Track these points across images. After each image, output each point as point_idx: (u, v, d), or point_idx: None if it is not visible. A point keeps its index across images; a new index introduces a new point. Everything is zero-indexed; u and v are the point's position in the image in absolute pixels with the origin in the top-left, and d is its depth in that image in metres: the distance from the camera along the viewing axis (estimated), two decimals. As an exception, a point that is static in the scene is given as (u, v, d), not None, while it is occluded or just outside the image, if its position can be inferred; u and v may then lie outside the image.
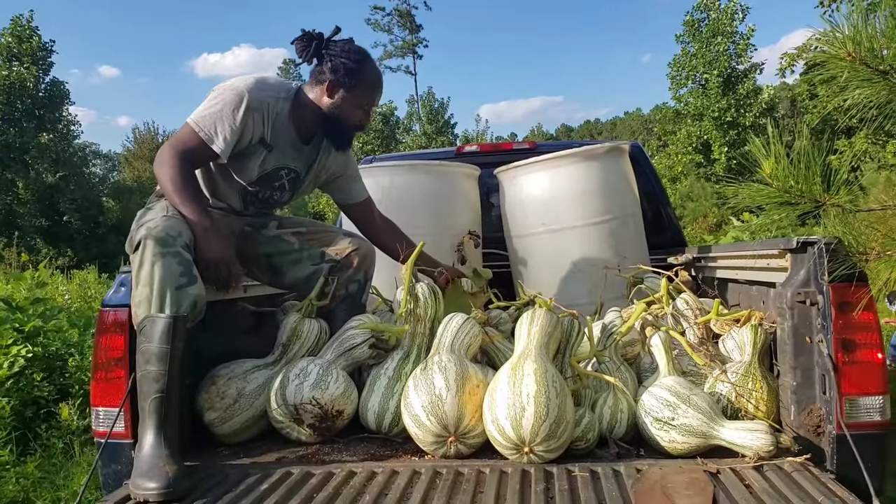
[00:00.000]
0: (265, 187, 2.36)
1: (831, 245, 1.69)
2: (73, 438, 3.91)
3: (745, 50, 23.61)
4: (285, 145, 2.31)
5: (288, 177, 2.39)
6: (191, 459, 1.87)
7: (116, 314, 1.94)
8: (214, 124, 2.12)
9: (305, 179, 2.47)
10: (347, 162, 2.58)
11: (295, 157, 2.36)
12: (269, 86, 2.22)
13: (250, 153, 2.25)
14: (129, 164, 33.63)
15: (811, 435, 1.75)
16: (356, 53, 2.26)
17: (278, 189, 2.41)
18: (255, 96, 2.15)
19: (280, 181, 2.39)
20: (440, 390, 1.82)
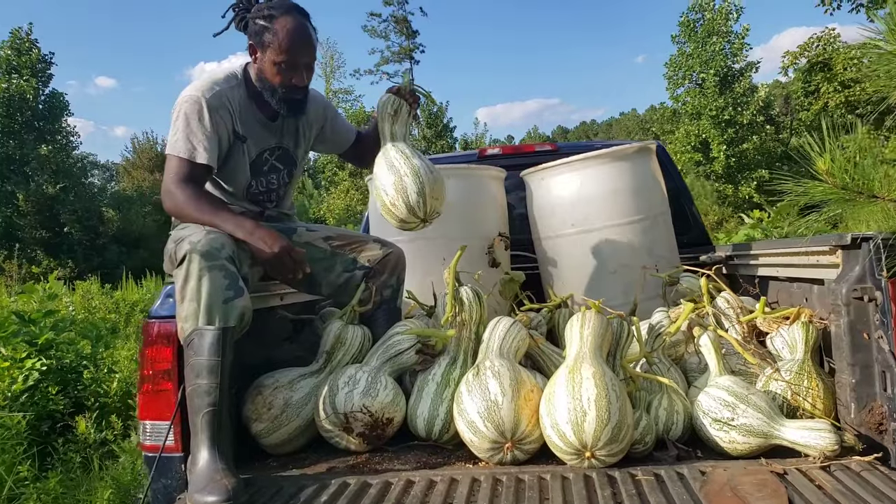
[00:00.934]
0: (257, 177, 2.33)
1: (889, 240, 1.67)
2: (92, 452, 3.87)
3: (741, 49, 23.66)
4: (257, 129, 2.27)
5: (274, 156, 2.35)
6: (240, 472, 1.84)
7: (163, 325, 1.92)
8: (188, 141, 2.08)
9: (299, 146, 2.45)
10: (325, 108, 2.52)
11: (270, 136, 2.33)
12: (219, 80, 2.18)
13: (232, 153, 2.22)
14: (128, 174, 33.53)
15: (873, 433, 1.74)
16: (269, 7, 2.16)
17: (271, 171, 2.37)
18: (210, 95, 2.12)
19: (266, 164, 2.35)
20: (496, 396, 1.80)
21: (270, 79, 2.17)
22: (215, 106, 2.12)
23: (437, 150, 28.77)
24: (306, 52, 2.17)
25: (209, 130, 2.10)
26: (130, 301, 8.90)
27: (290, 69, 2.15)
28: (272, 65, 2.14)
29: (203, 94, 2.11)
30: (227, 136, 2.18)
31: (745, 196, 23.44)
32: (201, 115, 2.09)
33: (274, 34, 2.11)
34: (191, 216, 2.04)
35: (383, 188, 2.20)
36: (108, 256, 23.39)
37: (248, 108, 2.24)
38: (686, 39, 24.31)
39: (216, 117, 2.12)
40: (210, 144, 2.10)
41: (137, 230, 25.66)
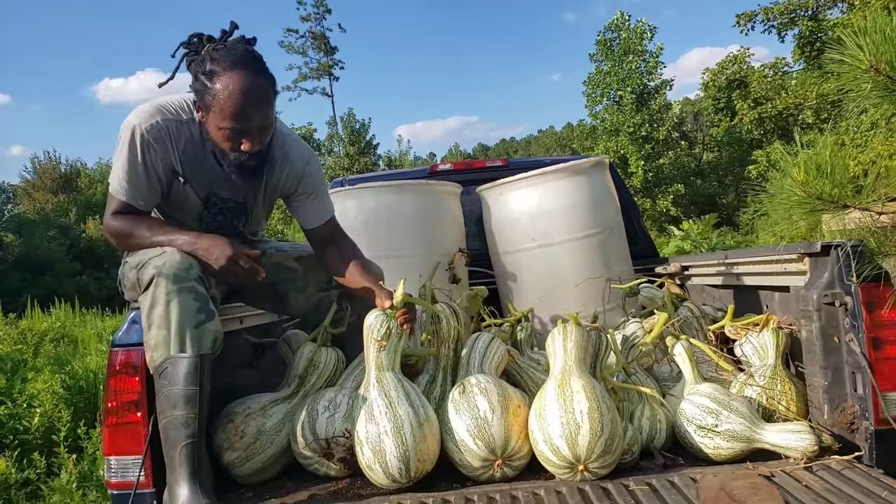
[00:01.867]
0: (211, 213, 2.13)
1: (858, 247, 1.76)
2: (15, 493, 3.62)
3: (655, 67, 24.77)
4: (207, 176, 2.02)
5: (225, 205, 2.12)
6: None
7: (129, 354, 1.81)
8: (117, 174, 1.92)
9: (256, 202, 2.20)
10: (302, 175, 2.17)
11: (225, 187, 2.07)
12: (167, 110, 1.94)
13: (174, 189, 2.02)
14: (28, 196, 31.78)
15: (845, 432, 1.81)
16: (212, 60, 1.84)
17: (220, 213, 2.13)
18: (148, 125, 1.89)
19: (216, 207, 2.11)
20: (485, 412, 1.78)
21: (218, 143, 1.89)
22: (149, 140, 1.90)
23: (361, 167, 28.62)
24: (256, 114, 1.85)
25: (141, 170, 1.91)
26: (38, 331, 8.37)
27: (237, 135, 1.86)
28: (217, 129, 1.86)
29: (140, 123, 1.90)
30: (164, 172, 1.96)
31: (662, 209, 24.43)
32: (133, 149, 1.89)
33: (215, 96, 1.82)
34: (132, 244, 1.93)
35: (359, 442, 1.78)
36: (10, 283, 21.91)
37: (199, 150, 1.98)
38: (603, 58, 25.25)
39: (147, 153, 1.90)
40: (135, 181, 1.92)
41: (42, 255, 24.24)
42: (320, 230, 2.23)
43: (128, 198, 1.94)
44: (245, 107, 1.83)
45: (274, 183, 2.17)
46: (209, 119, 1.88)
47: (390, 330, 1.91)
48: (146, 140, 1.90)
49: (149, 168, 1.93)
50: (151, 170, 1.94)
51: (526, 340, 2.61)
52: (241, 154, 1.89)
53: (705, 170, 28.54)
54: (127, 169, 1.91)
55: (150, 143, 1.91)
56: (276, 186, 2.18)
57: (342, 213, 2.97)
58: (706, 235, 7.29)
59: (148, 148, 1.91)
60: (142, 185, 1.94)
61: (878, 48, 1.62)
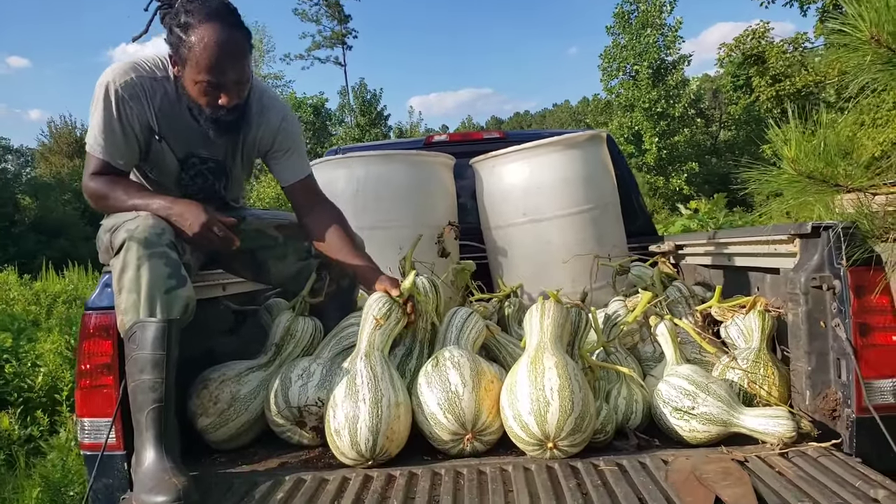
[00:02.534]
0: (188, 175, 2.09)
1: (849, 229, 1.70)
2: (17, 449, 3.67)
3: (674, 41, 24.31)
4: (184, 132, 1.99)
5: (205, 166, 2.09)
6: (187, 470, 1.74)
7: (101, 317, 1.79)
8: (96, 137, 1.89)
9: (234, 161, 2.16)
10: (278, 130, 2.13)
11: (203, 145, 2.04)
12: (141, 67, 1.91)
13: (152, 148, 1.99)
14: (45, 160, 31.97)
15: (826, 419, 1.77)
16: (187, 12, 1.80)
17: (198, 176, 2.10)
18: (122, 82, 1.86)
19: (195, 168, 2.08)
20: (456, 386, 1.75)
21: (195, 98, 1.87)
22: (124, 96, 1.87)
23: (371, 137, 28.48)
24: (232, 68, 1.83)
25: (115, 123, 1.88)
26: (52, 292, 8.50)
27: (213, 89, 1.84)
28: (193, 84, 1.84)
29: (115, 80, 1.86)
30: (140, 129, 1.93)
31: (675, 188, 24.18)
32: (108, 103, 1.86)
33: (190, 49, 1.79)
34: (108, 206, 1.91)
35: (334, 404, 1.75)
36: (25, 246, 22.19)
37: (175, 106, 1.94)
38: (620, 31, 24.82)
39: (124, 109, 1.88)
40: (111, 138, 1.89)
41: (57, 218, 24.49)
42: (297, 188, 2.19)
43: (104, 155, 1.91)
44: (221, 60, 1.80)
45: (251, 140, 2.13)
46: (185, 73, 1.85)
47: (391, 313, 1.91)
48: (121, 96, 1.87)
49: (125, 125, 1.90)
50: (128, 126, 1.91)
51: (513, 316, 2.58)
52: (219, 109, 1.87)
53: (721, 148, 28.15)
54: (102, 126, 1.88)
55: (125, 99, 1.88)
56: (252, 143, 2.14)
57: (332, 183, 2.95)
58: (713, 215, 7.19)
59: (123, 104, 1.88)
60: (119, 143, 1.91)
61: (879, 17, 1.54)
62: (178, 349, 1.75)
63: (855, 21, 1.55)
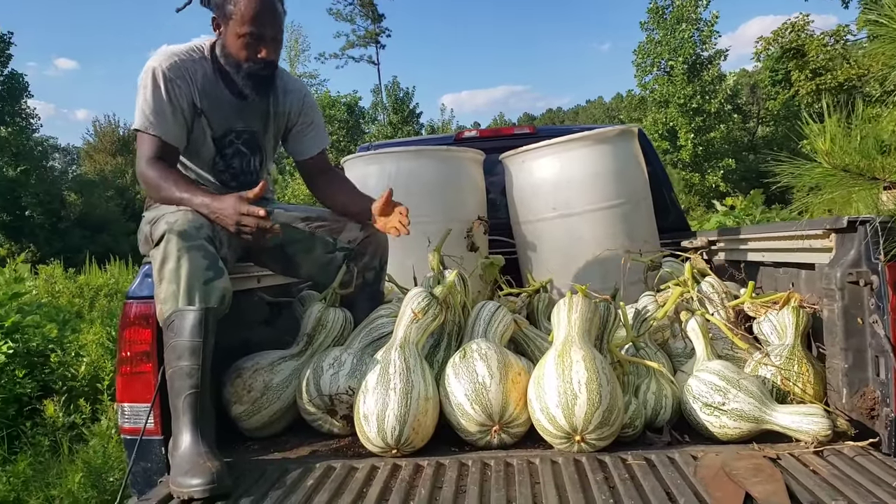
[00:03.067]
0: (223, 157, 2.22)
1: (887, 224, 1.66)
2: (61, 436, 3.78)
3: (710, 36, 23.86)
4: (222, 106, 2.15)
5: (240, 139, 2.22)
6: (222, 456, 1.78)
7: (141, 306, 1.84)
8: (143, 113, 2.01)
9: (266, 135, 2.30)
10: (302, 104, 2.34)
11: (238, 117, 2.19)
12: (179, 51, 2.09)
13: (193, 127, 2.12)
14: (90, 158, 32.80)
15: (864, 418, 1.73)
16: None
17: (235, 155, 2.23)
18: (166, 65, 2.03)
19: (232, 146, 2.22)
20: (484, 378, 1.76)
21: (235, 54, 2.05)
22: (171, 77, 2.02)
23: (404, 135, 28.56)
24: (271, 23, 2.04)
25: (164, 102, 2.01)
26: (94, 285, 8.71)
27: (255, 41, 2.03)
28: (236, 38, 2.03)
29: (160, 64, 2.02)
30: (187, 108, 2.07)
31: (711, 185, 23.77)
32: (157, 87, 2.01)
33: (235, 4, 2.00)
34: (157, 196, 2.00)
35: (365, 390, 1.78)
36: (71, 241, 22.83)
37: (214, 83, 2.12)
38: (655, 26, 24.45)
39: (171, 88, 2.02)
40: (164, 117, 2.01)
41: (100, 214, 25.13)
42: (316, 160, 2.41)
43: (158, 132, 2.01)
44: (263, 13, 2.01)
45: (280, 112, 2.30)
46: (228, 30, 2.04)
47: (429, 308, 1.93)
48: (169, 77, 2.02)
49: (174, 104, 2.03)
50: (177, 105, 2.04)
51: (542, 311, 2.57)
52: (257, 62, 2.05)
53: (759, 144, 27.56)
54: (153, 106, 2.01)
55: (173, 79, 2.03)
56: (282, 115, 2.31)
57: (364, 178, 2.98)
58: (750, 211, 7.06)
59: (171, 84, 2.03)
60: (170, 121, 2.03)
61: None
62: (215, 338, 1.80)
63: (891, 11, 1.51)
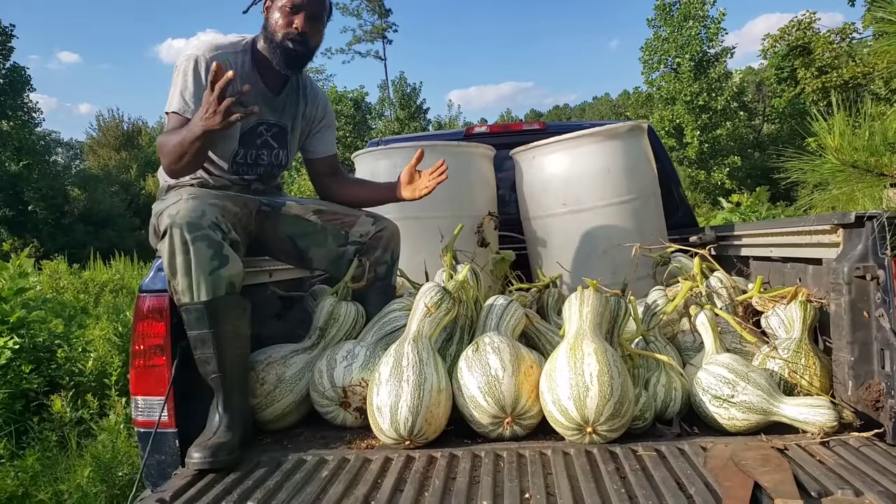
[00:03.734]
0: (248, 147, 2.26)
1: (894, 219, 1.68)
2: (69, 431, 3.81)
3: (716, 34, 23.80)
4: (257, 100, 2.20)
5: (269, 132, 2.30)
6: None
7: (154, 299, 1.87)
8: (183, 98, 2.07)
9: (294, 131, 2.38)
10: (326, 107, 2.50)
11: (271, 111, 2.28)
12: (221, 43, 2.17)
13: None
14: (94, 153, 32.85)
15: (869, 410, 1.75)
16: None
17: (263, 146, 2.30)
18: (211, 56, 2.10)
19: (262, 137, 2.29)
20: (496, 370, 1.78)
21: (274, 29, 2.14)
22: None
23: (411, 131, 28.56)
24: (313, 1, 2.15)
25: (203, 88, 2.02)
26: (100, 281, 8.74)
27: (293, 12, 2.12)
28: (278, 10, 2.13)
29: (203, 54, 2.10)
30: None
31: (717, 182, 23.74)
32: (197, 72, 2.07)
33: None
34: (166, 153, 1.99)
35: (378, 382, 1.80)
36: (75, 236, 22.89)
37: (251, 76, 2.19)
38: (662, 23, 24.40)
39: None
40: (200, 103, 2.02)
41: (105, 210, 25.16)
42: (329, 160, 2.53)
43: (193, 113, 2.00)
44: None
45: (307, 114, 2.42)
46: (274, 5, 2.15)
47: (442, 303, 1.97)
48: (210, 66, 1.99)
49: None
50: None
51: (553, 306, 2.60)
52: (292, 33, 2.13)
53: (765, 142, 27.52)
54: (193, 92, 2.06)
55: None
56: (308, 117, 2.43)
57: (374, 173, 3.01)
58: (755, 209, 7.07)
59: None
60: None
61: (925, 7, 1.52)
62: (236, 320, 1.87)
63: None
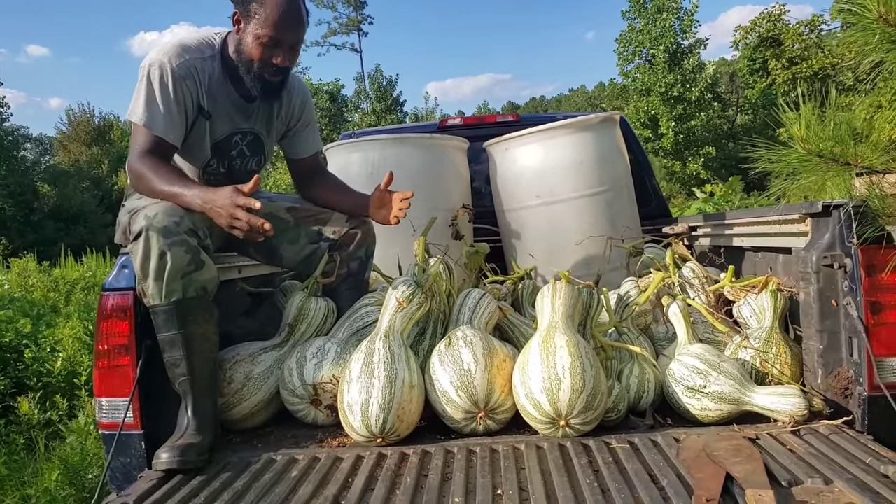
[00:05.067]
0: (221, 158, 2.16)
1: (860, 207, 1.69)
2: (36, 433, 3.73)
3: (690, 26, 24.01)
4: (228, 108, 2.09)
5: (245, 141, 2.18)
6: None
7: (118, 298, 1.82)
8: (148, 108, 1.93)
9: (271, 135, 2.26)
10: (304, 104, 2.31)
11: (245, 119, 2.14)
12: (190, 48, 2.00)
13: (194, 128, 2.05)
14: (64, 148, 32.27)
15: (838, 397, 1.77)
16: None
17: (237, 157, 2.19)
18: (178, 63, 1.95)
19: (237, 148, 2.17)
20: (469, 365, 1.77)
21: (249, 52, 1.97)
22: (181, 75, 1.95)
23: (387, 124, 28.45)
24: (294, 31, 1.98)
25: (171, 101, 1.94)
26: (70, 279, 8.58)
27: (272, 46, 1.95)
28: (254, 38, 1.94)
29: (169, 60, 1.95)
30: (192, 109, 2.01)
31: (692, 172, 23.98)
32: (164, 82, 1.93)
33: (261, 4, 1.92)
34: (146, 189, 1.92)
35: (348, 379, 1.77)
36: (45, 233, 22.47)
37: (221, 84, 2.06)
38: (636, 15, 24.55)
39: (179, 87, 1.95)
40: (169, 117, 1.94)
41: (76, 206, 24.73)
42: (310, 161, 2.38)
43: (160, 132, 1.94)
44: (288, 18, 1.95)
45: (283, 114, 2.26)
46: (248, 28, 1.96)
47: (413, 297, 1.93)
48: (178, 76, 1.95)
49: (180, 103, 1.97)
50: (182, 104, 1.98)
51: (527, 298, 2.58)
52: (271, 67, 1.99)
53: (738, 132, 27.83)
54: (161, 103, 1.94)
55: (182, 78, 1.96)
56: (284, 117, 2.28)
57: (346, 166, 2.97)
58: (729, 198, 7.14)
59: (179, 83, 1.96)
60: (175, 120, 1.97)
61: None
62: (205, 324, 1.83)
63: (864, 0, 1.53)
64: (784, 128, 1.79)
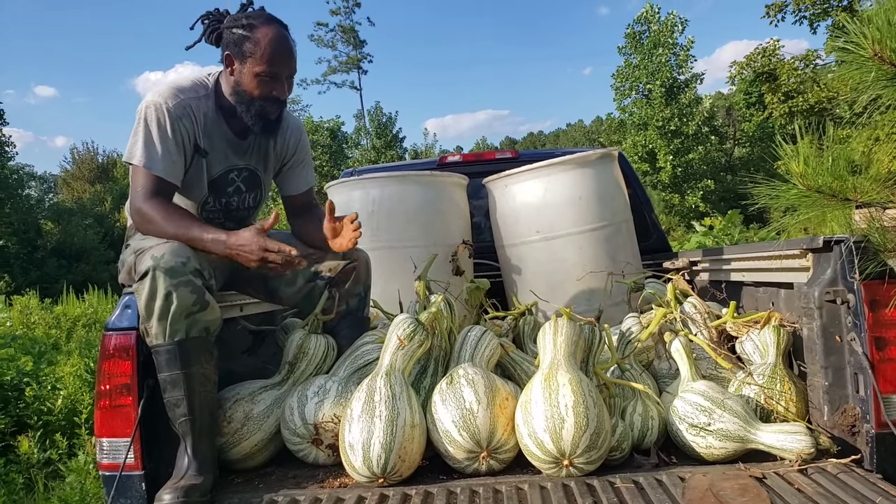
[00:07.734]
0: (218, 195, 2.19)
1: (861, 243, 1.69)
2: (36, 472, 3.69)
3: (686, 60, 24.33)
4: (223, 146, 2.13)
5: (241, 177, 2.22)
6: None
7: (121, 338, 1.81)
8: (146, 150, 1.96)
9: (267, 170, 2.29)
10: (298, 141, 2.35)
11: (240, 155, 2.18)
12: (185, 89, 2.05)
13: (191, 167, 2.08)
14: (68, 186, 32.55)
15: (846, 435, 1.75)
16: (247, 17, 2.03)
17: (234, 193, 2.23)
18: (174, 104, 1.99)
19: (233, 185, 2.21)
20: (471, 404, 1.75)
21: (249, 91, 2.02)
22: (178, 114, 1.99)
23: (387, 160, 28.65)
24: (288, 63, 2.06)
25: (170, 141, 1.97)
26: (72, 316, 8.58)
27: (272, 80, 2.02)
28: (252, 76, 2.01)
29: (165, 101, 1.98)
30: (189, 147, 2.04)
31: (691, 205, 24.07)
32: (161, 123, 1.96)
33: (255, 44, 1.99)
34: (161, 233, 1.92)
35: (350, 419, 1.75)
36: (47, 270, 22.46)
37: (216, 123, 2.10)
38: (632, 51, 24.89)
39: (177, 127, 1.99)
40: (169, 156, 1.97)
41: (78, 243, 24.77)
42: (303, 197, 2.40)
43: (161, 172, 1.97)
44: (283, 54, 2.03)
45: (279, 149, 2.30)
46: (245, 68, 2.02)
47: (415, 335, 1.92)
48: (175, 116, 1.99)
49: (178, 144, 2.01)
50: (180, 144, 2.02)
51: (529, 334, 2.57)
52: (270, 101, 2.05)
53: (736, 165, 28.03)
54: (158, 145, 1.97)
55: (179, 118, 2.00)
56: (280, 152, 2.31)
57: (348, 203, 2.99)
58: (728, 231, 7.15)
59: (178, 123, 2.00)
60: (176, 160, 2.00)
61: (882, 35, 1.55)
62: (206, 363, 1.83)
63: (858, 38, 1.56)
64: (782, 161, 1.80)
